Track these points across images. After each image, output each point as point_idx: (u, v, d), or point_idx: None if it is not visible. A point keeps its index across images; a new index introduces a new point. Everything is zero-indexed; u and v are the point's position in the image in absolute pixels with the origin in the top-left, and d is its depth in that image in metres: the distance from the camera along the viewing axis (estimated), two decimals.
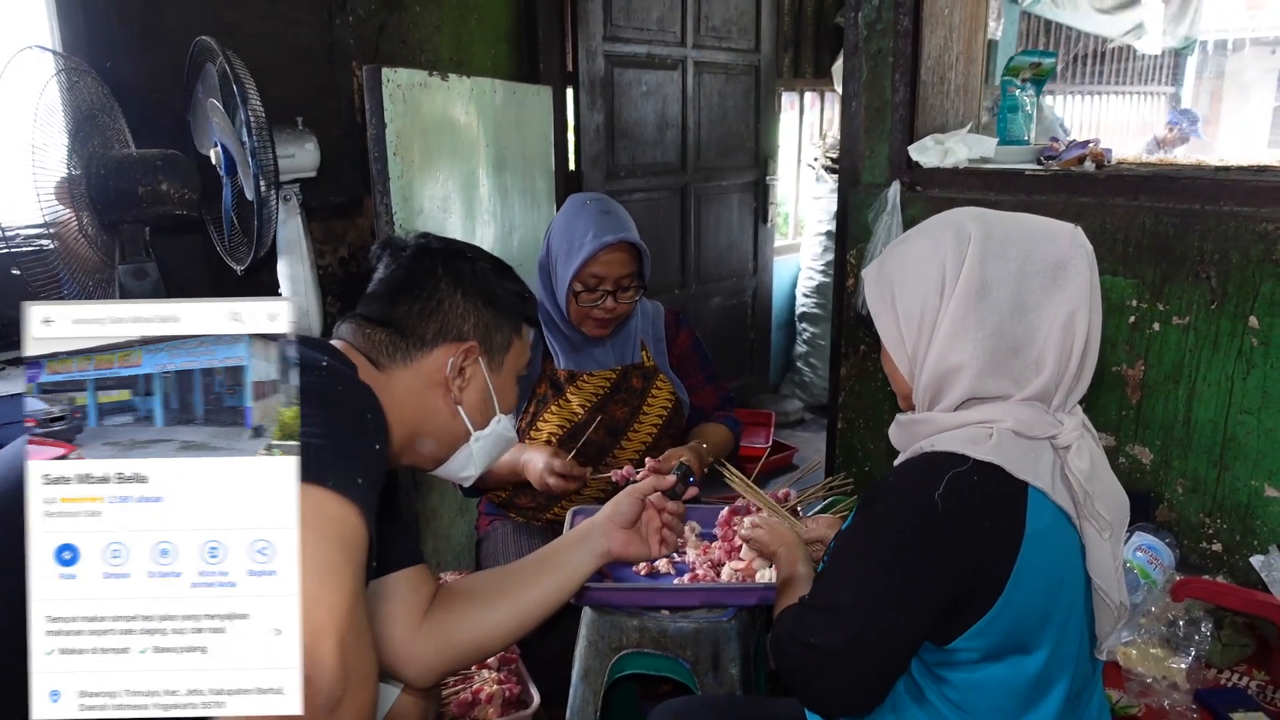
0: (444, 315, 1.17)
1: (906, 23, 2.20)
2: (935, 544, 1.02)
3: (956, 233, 1.12)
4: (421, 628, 1.19)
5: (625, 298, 1.90)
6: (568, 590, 1.30)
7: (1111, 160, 2.13)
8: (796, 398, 4.64)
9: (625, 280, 1.88)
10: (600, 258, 1.84)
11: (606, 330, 1.92)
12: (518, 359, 1.28)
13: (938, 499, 1.01)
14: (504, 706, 1.66)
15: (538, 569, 1.29)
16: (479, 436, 1.22)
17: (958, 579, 1.03)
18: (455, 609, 1.22)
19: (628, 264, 1.88)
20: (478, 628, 1.22)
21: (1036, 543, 1.04)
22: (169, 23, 2.33)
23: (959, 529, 1.02)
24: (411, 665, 1.19)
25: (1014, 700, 1.10)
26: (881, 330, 1.19)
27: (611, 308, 1.88)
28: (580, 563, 1.31)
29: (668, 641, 1.55)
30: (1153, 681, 1.58)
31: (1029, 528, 1.03)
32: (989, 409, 1.08)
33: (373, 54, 2.76)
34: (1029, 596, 1.04)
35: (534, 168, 2.91)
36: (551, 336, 1.96)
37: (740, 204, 4.25)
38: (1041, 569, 1.05)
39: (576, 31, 3.32)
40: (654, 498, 1.37)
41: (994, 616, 1.04)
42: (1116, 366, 2.00)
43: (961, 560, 1.03)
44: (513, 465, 1.82)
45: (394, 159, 2.14)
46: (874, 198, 2.32)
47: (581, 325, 1.91)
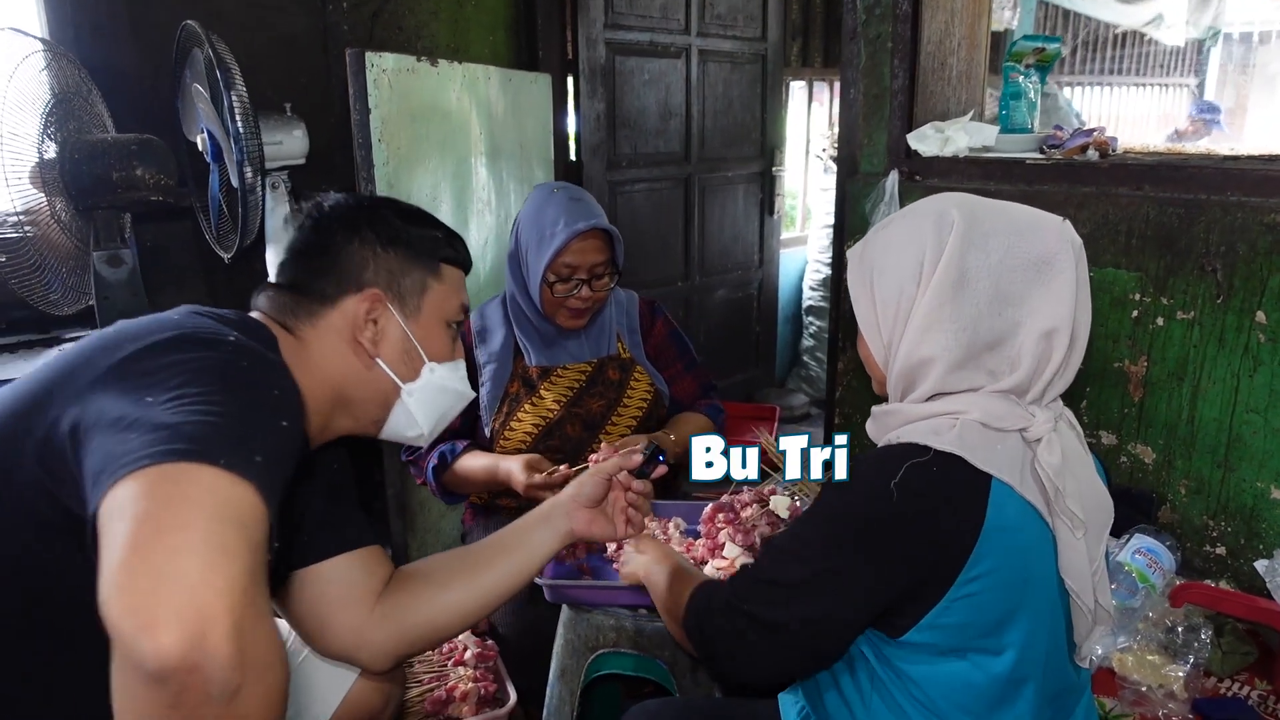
0: (341, 267, 1.11)
1: (906, 7, 2.14)
2: (887, 531, 1.02)
3: (939, 220, 1.08)
4: (374, 611, 1.16)
5: (600, 285, 1.85)
6: (528, 571, 1.25)
7: (1117, 149, 2.06)
8: (803, 392, 4.58)
9: (599, 268, 1.83)
10: (573, 246, 1.79)
11: (581, 321, 1.88)
12: (442, 303, 1.18)
13: (894, 487, 1.00)
14: (479, 704, 1.63)
15: (497, 549, 1.25)
16: (411, 390, 1.15)
17: (908, 568, 1.02)
18: (410, 591, 1.19)
19: (600, 251, 1.83)
20: (433, 610, 1.18)
21: (997, 537, 1.01)
22: (158, 9, 2.31)
23: (912, 518, 1.01)
24: (364, 650, 1.16)
25: (981, 701, 1.07)
26: (859, 315, 1.16)
27: (586, 296, 1.83)
28: (542, 542, 1.26)
29: (645, 641, 1.52)
30: (1148, 690, 1.53)
31: (988, 521, 1.00)
32: (956, 400, 1.06)
33: (366, 41, 2.72)
34: (986, 592, 1.02)
35: (532, 157, 2.87)
36: (522, 333, 1.91)
37: (746, 195, 4.19)
38: (1003, 565, 1.02)
39: (577, 18, 3.27)
40: (621, 477, 1.30)
41: (942, 610, 1.03)
42: (1118, 362, 1.94)
43: (913, 549, 1.01)
44: (490, 473, 1.79)
45: (379, 145, 2.10)
46: (872, 187, 2.26)
47: (555, 317, 1.87)
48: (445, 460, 1.85)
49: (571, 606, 1.55)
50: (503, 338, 1.91)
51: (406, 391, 1.15)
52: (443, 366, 1.18)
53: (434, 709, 1.60)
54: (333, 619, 1.15)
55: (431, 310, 1.16)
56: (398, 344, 1.13)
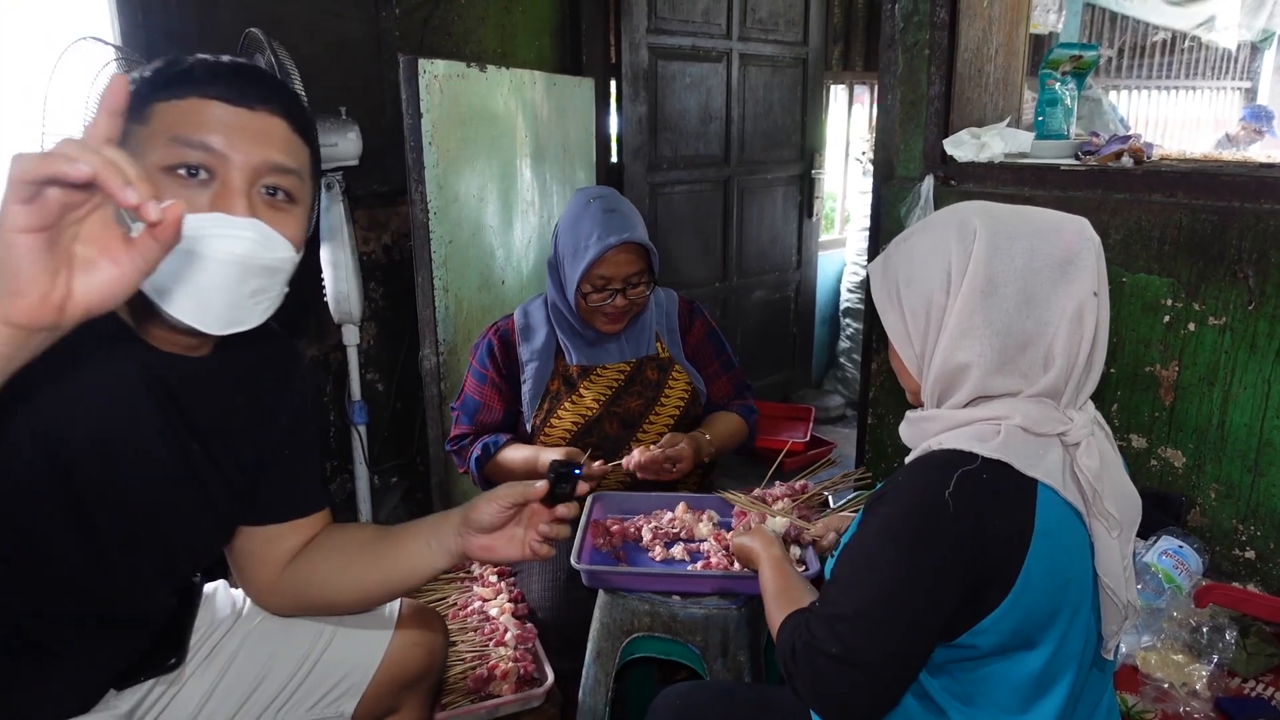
0: None
1: (943, 14, 2.17)
2: (948, 544, 1.01)
3: (961, 229, 1.10)
4: (283, 575, 1.22)
5: (635, 294, 1.88)
6: (417, 576, 1.24)
7: (1153, 156, 2.07)
8: (839, 393, 4.61)
9: (634, 278, 1.86)
10: (607, 259, 1.82)
11: (618, 326, 1.92)
12: (144, 150, 0.94)
13: (948, 498, 1.00)
14: (519, 683, 1.70)
15: (401, 543, 1.23)
16: None
17: (969, 577, 1.02)
18: (318, 560, 1.23)
19: (635, 263, 1.86)
20: (328, 587, 1.22)
21: (1046, 539, 1.03)
22: (222, 16, 2.42)
23: (970, 527, 1.01)
24: (266, 605, 1.27)
25: (1016, 696, 1.09)
26: (888, 327, 1.18)
27: (621, 304, 1.88)
28: (430, 558, 1.21)
29: (678, 627, 1.57)
30: (1170, 687, 1.55)
31: (1038, 524, 1.02)
32: (997, 406, 1.08)
33: (417, 46, 2.82)
34: (1036, 593, 1.04)
35: (575, 159, 2.94)
36: (563, 333, 1.96)
37: (785, 198, 4.23)
38: (1050, 566, 1.04)
39: (620, 24, 3.34)
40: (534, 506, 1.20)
41: (1002, 614, 1.03)
42: (1149, 367, 1.96)
43: (974, 558, 1.02)
44: (531, 465, 1.85)
45: (430, 148, 2.19)
46: (908, 192, 2.30)
47: (593, 322, 1.91)
48: (488, 451, 1.92)
49: (607, 591, 1.61)
50: (545, 336, 1.96)
51: None
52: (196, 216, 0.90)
53: (476, 686, 1.67)
54: (248, 570, 1.23)
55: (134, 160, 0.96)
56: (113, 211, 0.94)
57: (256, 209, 0.95)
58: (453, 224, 2.36)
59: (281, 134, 0.98)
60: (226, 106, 0.95)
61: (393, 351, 2.99)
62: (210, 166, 0.93)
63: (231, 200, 0.93)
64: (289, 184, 0.99)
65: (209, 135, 0.93)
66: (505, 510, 1.17)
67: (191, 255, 0.89)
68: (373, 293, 2.88)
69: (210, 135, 0.93)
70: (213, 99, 0.94)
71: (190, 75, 0.95)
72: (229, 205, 0.93)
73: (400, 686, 1.34)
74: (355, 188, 2.59)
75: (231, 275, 0.91)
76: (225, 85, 0.95)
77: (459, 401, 2.01)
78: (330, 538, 1.25)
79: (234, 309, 0.92)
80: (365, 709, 1.31)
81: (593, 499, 1.78)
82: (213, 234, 0.90)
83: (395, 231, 2.93)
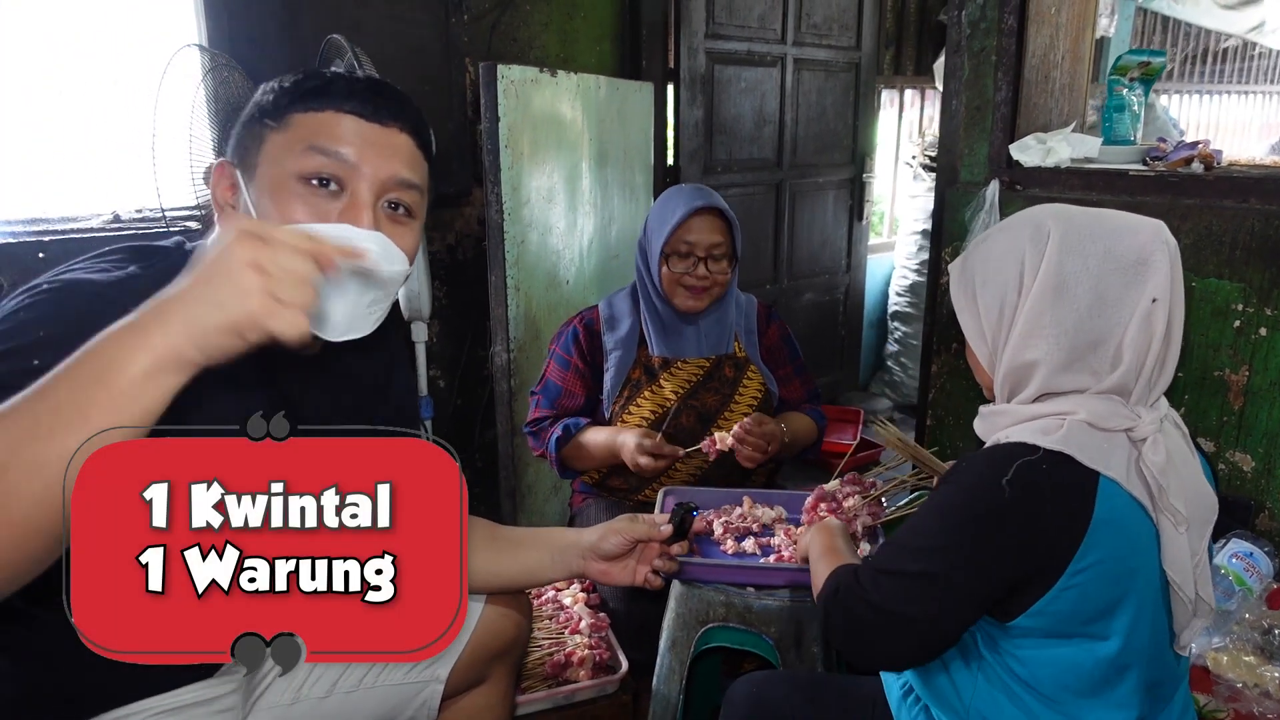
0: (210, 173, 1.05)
1: (1011, 21, 2.20)
2: (1000, 527, 1.06)
3: (1035, 230, 1.14)
4: None
5: (716, 267, 1.93)
6: (528, 583, 1.35)
7: (1221, 162, 2.08)
8: (886, 396, 4.62)
9: (716, 249, 1.92)
10: (691, 223, 1.90)
11: (699, 303, 1.95)
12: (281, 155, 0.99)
13: (1005, 485, 1.05)
14: (594, 670, 1.75)
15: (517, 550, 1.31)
16: None
17: (1019, 562, 1.07)
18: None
19: (718, 232, 1.92)
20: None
21: (1105, 531, 1.06)
22: (303, 21, 2.50)
23: (1024, 514, 1.05)
24: None
25: (1084, 682, 1.13)
26: (964, 324, 1.22)
27: (704, 275, 1.92)
28: (550, 571, 1.33)
29: (753, 618, 1.60)
30: (1243, 687, 1.57)
31: (1096, 516, 1.05)
32: (1064, 402, 1.11)
33: (484, 51, 2.89)
34: (1093, 582, 1.07)
35: (634, 162, 3.00)
36: (648, 316, 2.02)
37: (835, 201, 4.25)
38: (1110, 557, 1.07)
39: (679, 29, 3.39)
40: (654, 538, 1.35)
41: (1052, 598, 1.07)
42: (1219, 371, 1.97)
43: (1024, 544, 1.06)
44: (609, 446, 1.90)
45: (505, 151, 2.25)
46: (972, 196, 2.32)
47: (674, 297, 1.96)
48: (569, 432, 1.99)
49: (683, 582, 1.65)
50: (629, 326, 2.03)
51: None
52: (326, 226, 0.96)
53: (553, 671, 1.73)
54: None
55: (269, 165, 0.99)
56: (244, 213, 1.01)
57: (380, 223, 1.00)
58: (524, 225, 2.42)
59: (408, 150, 1.03)
60: (360, 121, 0.99)
61: (454, 349, 3.06)
62: (341, 178, 0.98)
63: (359, 213, 0.98)
64: (410, 199, 1.04)
65: (343, 146, 0.98)
66: (629, 543, 1.31)
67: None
68: (436, 291, 2.95)
69: (344, 147, 0.98)
70: (348, 113, 0.99)
71: (329, 89, 1.00)
72: (356, 217, 0.98)
73: (490, 655, 1.39)
74: None
75: (354, 286, 0.95)
76: (361, 101, 1.00)
77: (540, 386, 2.08)
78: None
79: (352, 319, 0.97)
80: (458, 676, 1.35)
81: (663, 493, 1.83)
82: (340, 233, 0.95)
83: (459, 232, 3.00)
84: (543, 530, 1.37)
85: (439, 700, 1.33)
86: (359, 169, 0.98)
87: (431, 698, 1.33)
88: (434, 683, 1.33)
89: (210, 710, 1.12)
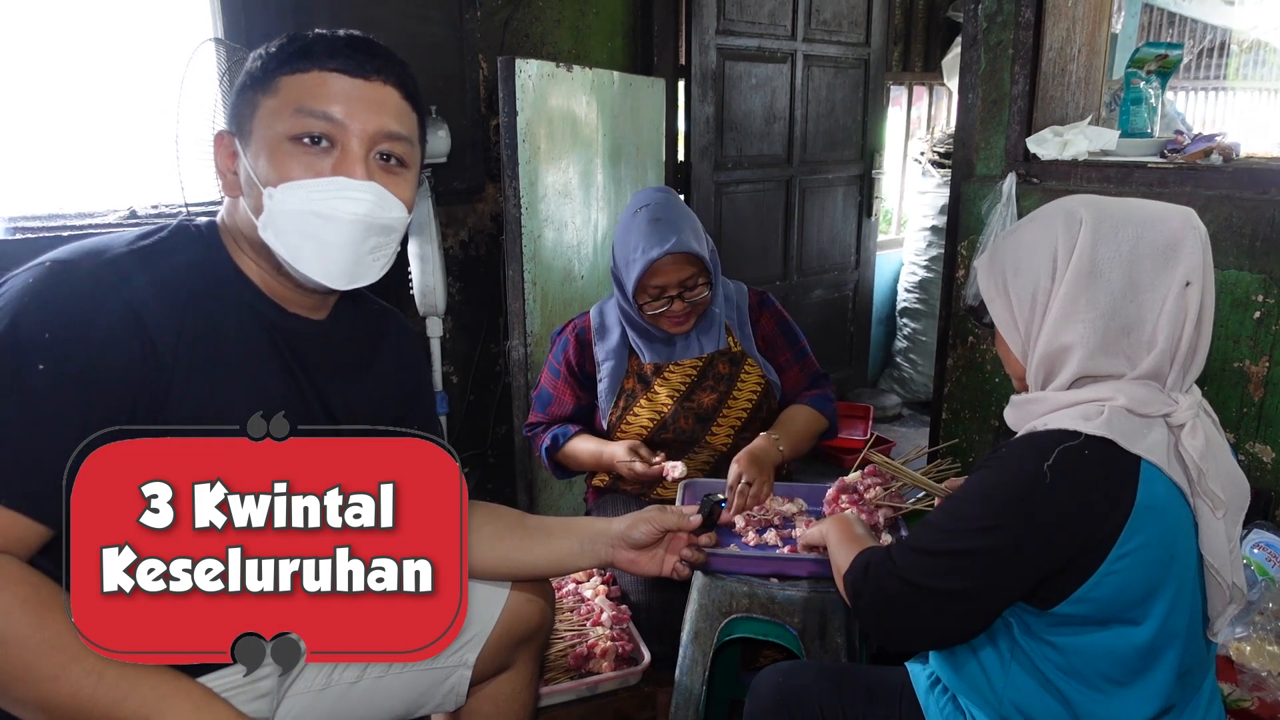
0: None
1: (1028, 15, 2.20)
2: (1040, 511, 1.06)
3: (1068, 218, 1.14)
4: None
5: (693, 295, 1.86)
6: (556, 571, 1.35)
7: (1239, 154, 2.09)
8: (894, 393, 4.62)
9: (690, 280, 1.84)
10: (656, 269, 1.81)
11: (685, 325, 1.91)
12: (272, 119, 1.03)
13: (1047, 469, 1.05)
14: (617, 662, 1.75)
15: (546, 537, 1.32)
16: (263, 225, 1.03)
17: (1059, 546, 1.07)
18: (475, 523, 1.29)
19: (687, 266, 1.82)
20: (474, 554, 1.27)
21: (1147, 516, 1.06)
22: (318, 17, 2.50)
23: (1065, 498, 1.05)
24: None
25: (1121, 668, 1.13)
26: (995, 316, 1.22)
27: (681, 308, 1.86)
28: (579, 559, 1.32)
29: (776, 608, 1.60)
30: (1267, 676, 1.57)
31: (1139, 500, 1.05)
32: (1102, 388, 1.11)
33: (498, 47, 2.89)
34: (1135, 567, 1.07)
35: (646, 157, 3.00)
36: (634, 334, 1.98)
37: (845, 197, 4.26)
38: (1151, 542, 1.07)
39: (691, 25, 3.39)
40: (684, 526, 1.35)
41: (1094, 584, 1.07)
42: (1239, 362, 1.97)
43: (1064, 529, 1.06)
44: (597, 459, 1.91)
45: (523, 145, 2.26)
46: (988, 190, 2.33)
47: (658, 324, 1.92)
48: (557, 442, 1.99)
49: (706, 573, 1.65)
50: (619, 336, 1.99)
51: (260, 227, 1.03)
52: (283, 188, 1.01)
53: (576, 663, 1.73)
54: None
55: (263, 129, 1.03)
56: (244, 178, 1.05)
57: (373, 173, 1.05)
58: (540, 220, 2.42)
59: (394, 102, 1.06)
60: (345, 78, 1.03)
61: (468, 345, 3.07)
62: (331, 135, 1.02)
63: (351, 165, 1.03)
64: (401, 150, 1.08)
65: (330, 105, 1.02)
66: (659, 533, 1.31)
67: (317, 216, 1.01)
68: (450, 287, 2.96)
69: (331, 105, 1.02)
70: (333, 71, 1.02)
71: (312, 50, 1.03)
72: (349, 170, 1.03)
73: (516, 641, 1.39)
74: (436, 185, 2.66)
75: (354, 234, 1.02)
76: (344, 58, 1.03)
77: (536, 391, 2.09)
78: (480, 510, 1.32)
79: (355, 265, 1.04)
80: (485, 661, 1.36)
81: (682, 487, 1.82)
82: (336, 196, 1.01)
83: (472, 228, 3.00)
84: (571, 519, 1.37)
85: (467, 685, 1.34)
86: (347, 125, 1.02)
87: (460, 683, 1.34)
88: (462, 668, 1.33)
89: (248, 695, 1.13)
